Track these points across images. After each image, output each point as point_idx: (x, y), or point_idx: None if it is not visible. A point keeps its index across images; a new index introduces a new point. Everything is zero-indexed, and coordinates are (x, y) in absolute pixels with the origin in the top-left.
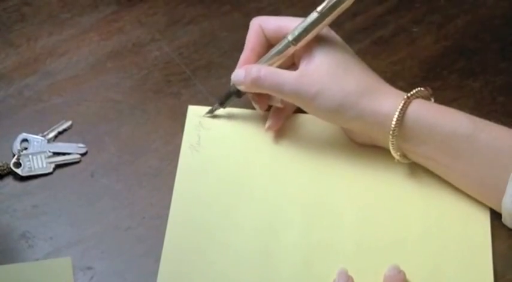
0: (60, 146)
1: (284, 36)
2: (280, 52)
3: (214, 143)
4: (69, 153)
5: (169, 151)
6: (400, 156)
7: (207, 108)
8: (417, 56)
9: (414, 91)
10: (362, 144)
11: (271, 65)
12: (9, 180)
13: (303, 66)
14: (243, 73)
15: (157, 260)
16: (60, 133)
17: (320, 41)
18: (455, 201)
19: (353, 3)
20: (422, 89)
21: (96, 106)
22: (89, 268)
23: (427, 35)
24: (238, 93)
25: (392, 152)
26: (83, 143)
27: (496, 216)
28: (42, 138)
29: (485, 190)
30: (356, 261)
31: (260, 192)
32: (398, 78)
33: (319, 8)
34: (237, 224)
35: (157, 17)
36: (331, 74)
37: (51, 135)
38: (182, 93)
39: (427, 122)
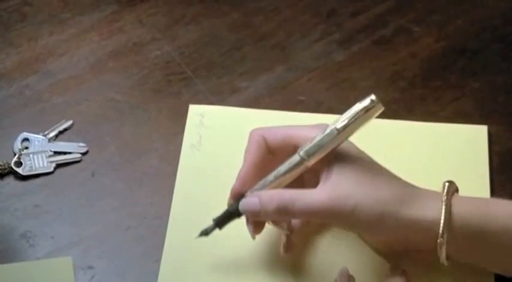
0: (61, 145)
1: (291, 147)
2: (290, 171)
3: (215, 142)
4: (69, 153)
5: (170, 150)
6: (447, 259)
7: (208, 107)
8: (418, 56)
9: (446, 188)
10: (388, 251)
11: (281, 184)
12: (10, 180)
13: (327, 180)
14: (256, 201)
15: (157, 259)
16: (61, 132)
17: (337, 150)
18: None
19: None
20: (448, 183)
21: (97, 106)
22: (90, 268)
23: (428, 35)
24: (240, 213)
25: (441, 257)
26: (83, 142)
27: None
28: (43, 137)
29: None
30: (357, 260)
31: None
32: (398, 78)
33: (339, 126)
34: (238, 223)
35: (158, 17)
36: (362, 184)
37: (52, 134)
38: (183, 92)
39: (476, 219)
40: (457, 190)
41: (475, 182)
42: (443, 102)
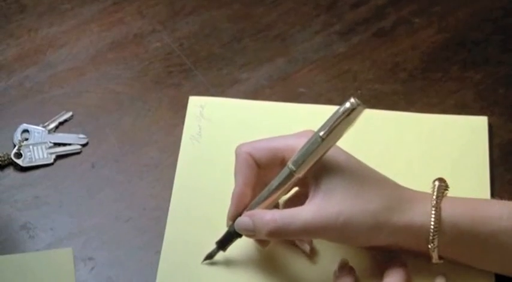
0: (60, 137)
1: (279, 159)
2: (282, 185)
3: (215, 134)
4: (69, 144)
5: (170, 142)
6: (439, 259)
7: (208, 99)
8: (418, 48)
9: (436, 190)
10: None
11: (274, 200)
12: (10, 171)
13: (316, 196)
14: (250, 222)
15: (157, 251)
16: (60, 124)
17: (324, 160)
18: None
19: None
20: (437, 183)
21: (97, 97)
22: (90, 259)
23: (428, 27)
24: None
25: (434, 259)
26: (83, 133)
27: None
28: (43, 129)
29: None
30: (357, 251)
31: None
32: (399, 69)
33: (321, 133)
34: None
35: (158, 8)
36: (351, 197)
37: (52, 126)
38: (183, 84)
39: (466, 223)
40: (446, 188)
41: (475, 173)
42: (443, 94)
